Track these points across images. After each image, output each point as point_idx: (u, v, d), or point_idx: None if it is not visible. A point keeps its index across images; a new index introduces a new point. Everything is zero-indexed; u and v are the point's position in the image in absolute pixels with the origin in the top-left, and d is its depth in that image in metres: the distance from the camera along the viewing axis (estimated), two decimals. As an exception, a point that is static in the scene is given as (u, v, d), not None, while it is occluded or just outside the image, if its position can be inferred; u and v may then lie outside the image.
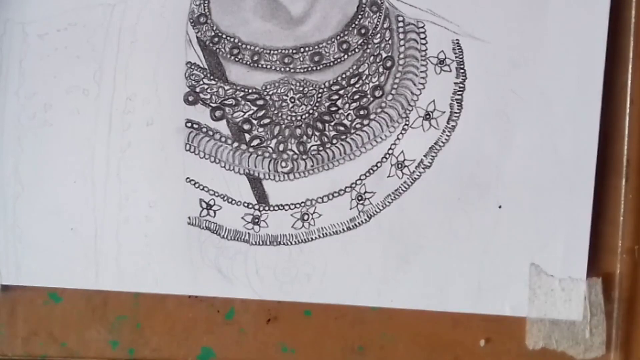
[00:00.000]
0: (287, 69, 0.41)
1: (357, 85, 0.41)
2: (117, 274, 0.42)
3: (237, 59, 0.41)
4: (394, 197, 0.41)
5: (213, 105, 0.41)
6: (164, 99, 0.41)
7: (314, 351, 0.42)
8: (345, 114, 0.41)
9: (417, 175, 0.41)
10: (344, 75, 0.41)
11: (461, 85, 0.40)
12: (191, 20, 0.41)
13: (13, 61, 0.41)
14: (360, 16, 0.41)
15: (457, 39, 0.40)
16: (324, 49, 0.41)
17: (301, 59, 0.41)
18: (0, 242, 0.42)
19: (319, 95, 0.41)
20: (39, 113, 0.42)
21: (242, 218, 0.41)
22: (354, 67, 0.41)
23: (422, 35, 0.40)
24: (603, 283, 0.41)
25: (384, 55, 0.41)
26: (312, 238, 0.41)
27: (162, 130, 0.41)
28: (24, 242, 0.42)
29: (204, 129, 0.41)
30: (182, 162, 0.41)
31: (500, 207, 0.40)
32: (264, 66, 0.41)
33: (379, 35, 0.41)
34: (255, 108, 0.41)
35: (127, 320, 0.42)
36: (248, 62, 0.41)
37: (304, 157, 0.41)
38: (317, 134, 0.41)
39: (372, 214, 0.41)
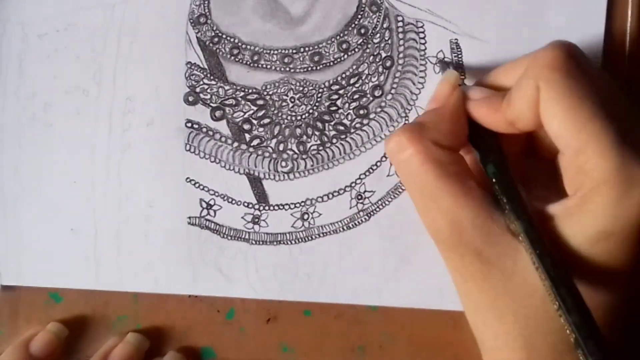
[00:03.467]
0: (287, 68, 0.41)
1: (356, 85, 0.41)
2: (117, 274, 0.42)
3: (237, 59, 0.41)
4: (394, 196, 0.41)
5: (213, 105, 0.41)
6: (164, 99, 0.41)
7: (314, 351, 0.42)
8: (345, 113, 0.41)
9: (417, 174, 0.41)
10: (343, 75, 0.41)
11: (460, 85, 0.40)
12: (191, 21, 0.41)
13: (13, 61, 0.42)
14: (360, 16, 0.41)
15: (456, 39, 0.40)
16: (324, 49, 0.41)
17: (301, 59, 0.41)
18: (0, 243, 0.42)
19: (319, 95, 0.41)
20: (38, 113, 0.42)
21: (242, 218, 0.41)
22: (354, 67, 0.41)
23: (422, 35, 0.41)
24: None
25: (384, 54, 0.41)
26: (312, 237, 0.41)
27: (162, 131, 0.41)
28: (24, 243, 0.42)
29: (204, 129, 0.41)
30: (182, 162, 0.41)
31: None
32: (264, 66, 0.41)
33: (378, 35, 0.41)
34: (255, 108, 0.41)
35: (128, 320, 0.42)
36: (248, 62, 0.41)
37: (304, 156, 0.41)
38: (317, 133, 0.41)
39: (371, 213, 0.41)
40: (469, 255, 0.32)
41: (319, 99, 0.41)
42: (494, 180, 0.32)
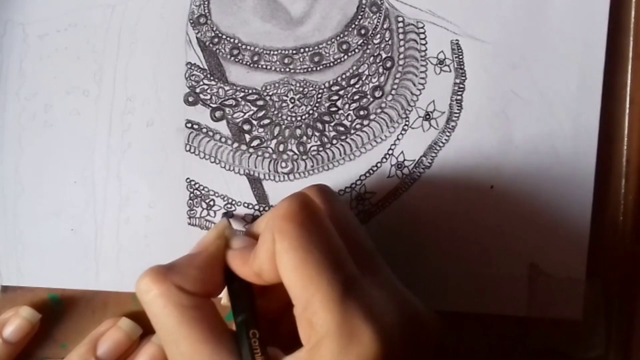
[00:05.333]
0: (287, 69, 0.41)
1: (357, 86, 0.41)
2: (118, 275, 0.42)
3: (237, 60, 0.41)
4: (394, 197, 0.41)
5: (213, 105, 0.41)
6: (164, 100, 0.41)
7: (314, 351, 0.42)
8: (345, 114, 0.41)
9: (417, 175, 0.41)
10: (344, 76, 0.41)
11: (461, 86, 0.40)
12: (191, 21, 0.41)
13: (13, 62, 0.42)
14: (360, 17, 0.41)
15: (456, 40, 0.40)
16: (324, 50, 0.41)
17: (301, 59, 0.41)
18: (0, 243, 0.42)
19: (319, 95, 0.41)
20: (39, 113, 0.42)
21: (242, 218, 0.41)
22: (354, 68, 0.41)
23: (422, 36, 0.40)
24: (603, 283, 0.41)
25: (384, 55, 0.41)
26: (312, 238, 0.41)
27: (162, 131, 0.41)
28: (24, 243, 0.42)
29: (204, 130, 0.41)
30: (182, 162, 0.41)
31: (492, 187, 0.40)
32: (264, 67, 0.41)
33: (378, 35, 0.41)
34: (255, 108, 0.41)
35: (127, 321, 0.42)
36: (248, 63, 0.41)
37: (304, 157, 0.41)
38: (317, 134, 0.41)
39: (371, 215, 0.41)
40: None
41: (319, 100, 0.41)
42: (242, 338, 0.33)
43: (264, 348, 0.32)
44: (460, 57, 0.40)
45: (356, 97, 0.41)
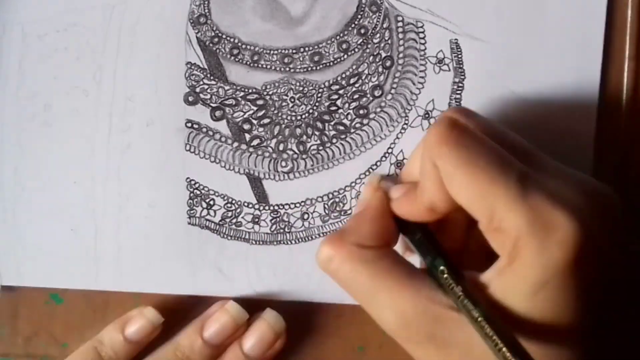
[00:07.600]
0: (287, 69, 0.41)
1: (356, 85, 0.41)
2: (118, 275, 0.42)
3: (237, 59, 0.41)
4: (394, 196, 0.41)
5: (213, 105, 0.41)
6: (164, 100, 0.41)
7: (314, 351, 0.42)
8: (345, 113, 0.41)
9: (417, 174, 0.41)
10: (343, 75, 0.41)
11: (460, 85, 0.41)
12: (191, 21, 0.41)
13: (13, 62, 0.41)
14: (359, 16, 0.41)
15: (456, 39, 0.40)
16: (324, 49, 0.41)
17: (301, 58, 0.41)
18: (0, 243, 0.42)
19: (319, 95, 0.41)
20: (38, 114, 0.42)
21: (242, 217, 0.41)
22: (354, 67, 0.41)
23: (422, 35, 0.41)
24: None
25: (384, 55, 0.41)
26: (312, 237, 0.41)
27: (162, 131, 0.41)
28: (24, 243, 0.42)
29: (204, 129, 0.41)
30: (182, 162, 0.41)
31: None
32: (264, 66, 0.41)
33: (378, 35, 0.41)
34: (255, 108, 0.41)
35: (128, 320, 0.42)
36: (248, 62, 0.41)
37: (304, 156, 0.41)
38: (317, 133, 0.41)
39: (372, 213, 0.41)
40: (424, 342, 0.32)
41: (319, 99, 0.41)
42: (439, 274, 0.32)
43: (461, 276, 0.32)
44: (460, 56, 0.40)
45: (356, 96, 0.41)
